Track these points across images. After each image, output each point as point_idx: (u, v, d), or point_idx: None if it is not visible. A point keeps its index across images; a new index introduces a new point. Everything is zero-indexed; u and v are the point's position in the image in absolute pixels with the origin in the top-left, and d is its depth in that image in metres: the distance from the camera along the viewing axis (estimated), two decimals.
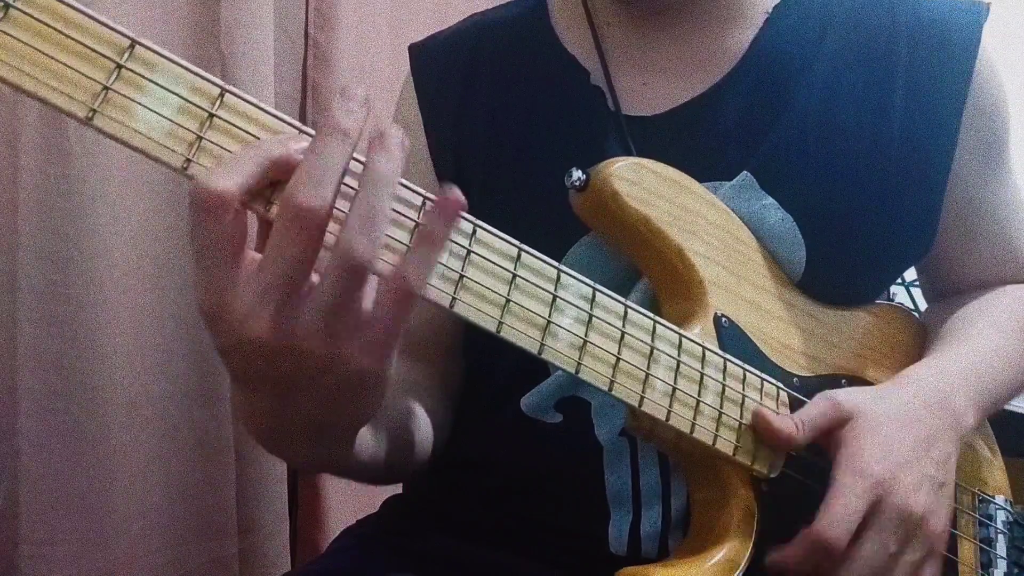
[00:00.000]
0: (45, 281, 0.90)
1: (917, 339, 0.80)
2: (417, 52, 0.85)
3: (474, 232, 0.51)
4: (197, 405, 1.04)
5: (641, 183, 0.64)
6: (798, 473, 0.65)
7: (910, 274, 1.00)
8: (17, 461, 0.88)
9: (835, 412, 0.63)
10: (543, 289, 0.54)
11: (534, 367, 0.71)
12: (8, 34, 0.41)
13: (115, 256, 0.95)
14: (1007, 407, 0.80)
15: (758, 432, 0.63)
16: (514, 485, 0.73)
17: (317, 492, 1.19)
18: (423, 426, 0.72)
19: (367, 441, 0.61)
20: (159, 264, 1.01)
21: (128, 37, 0.43)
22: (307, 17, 1.19)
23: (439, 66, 0.82)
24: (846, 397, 0.65)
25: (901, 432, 0.63)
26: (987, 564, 0.77)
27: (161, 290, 1.01)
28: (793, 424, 0.62)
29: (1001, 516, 0.79)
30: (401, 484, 0.85)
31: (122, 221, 0.96)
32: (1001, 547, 0.78)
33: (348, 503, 1.18)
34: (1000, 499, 0.81)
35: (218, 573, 1.06)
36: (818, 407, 0.64)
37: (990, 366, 0.73)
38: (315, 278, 0.44)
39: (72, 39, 0.42)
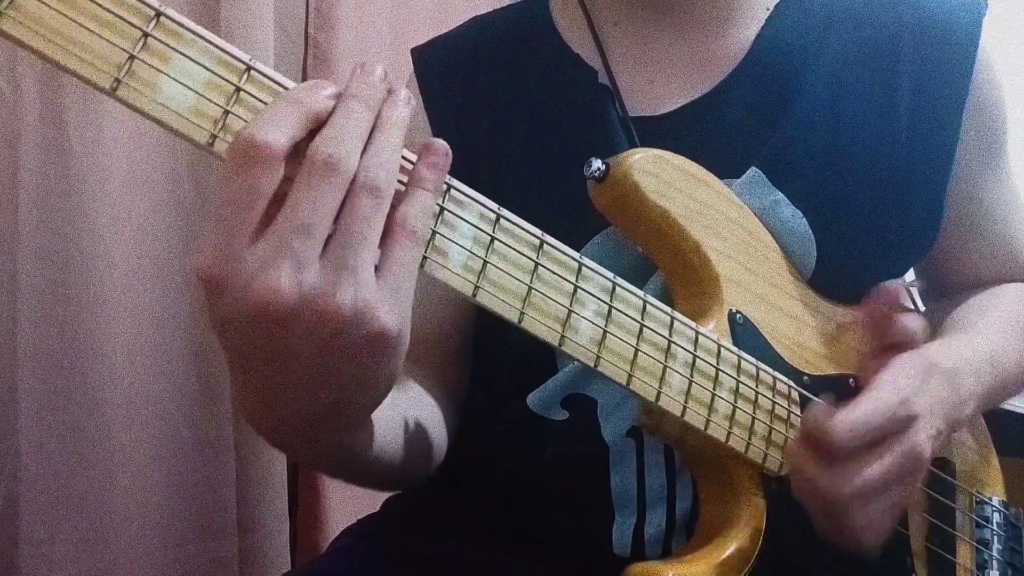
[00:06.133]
0: (45, 281, 0.90)
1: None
2: (420, 55, 0.85)
3: (497, 220, 0.51)
4: (197, 405, 1.04)
5: (661, 175, 0.64)
6: None
7: (910, 275, 1.00)
8: (17, 461, 0.88)
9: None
10: (565, 280, 0.54)
11: (541, 363, 0.71)
12: None
13: (115, 256, 0.95)
14: (1007, 407, 0.80)
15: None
16: (517, 485, 0.73)
17: (317, 492, 1.19)
18: (438, 432, 0.72)
19: (378, 442, 0.60)
20: (159, 264, 1.01)
21: (153, 7, 0.42)
22: (307, 17, 1.19)
23: (443, 68, 0.83)
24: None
25: (931, 384, 0.63)
26: (983, 565, 0.78)
27: (161, 290, 1.01)
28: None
29: (996, 517, 0.80)
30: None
31: (122, 221, 0.96)
32: (996, 548, 0.79)
33: (348, 503, 1.18)
34: (996, 500, 0.81)
35: (218, 573, 1.06)
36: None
37: (994, 359, 0.73)
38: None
39: (97, 4, 0.41)
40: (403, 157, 0.47)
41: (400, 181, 0.47)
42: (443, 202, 0.49)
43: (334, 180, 0.42)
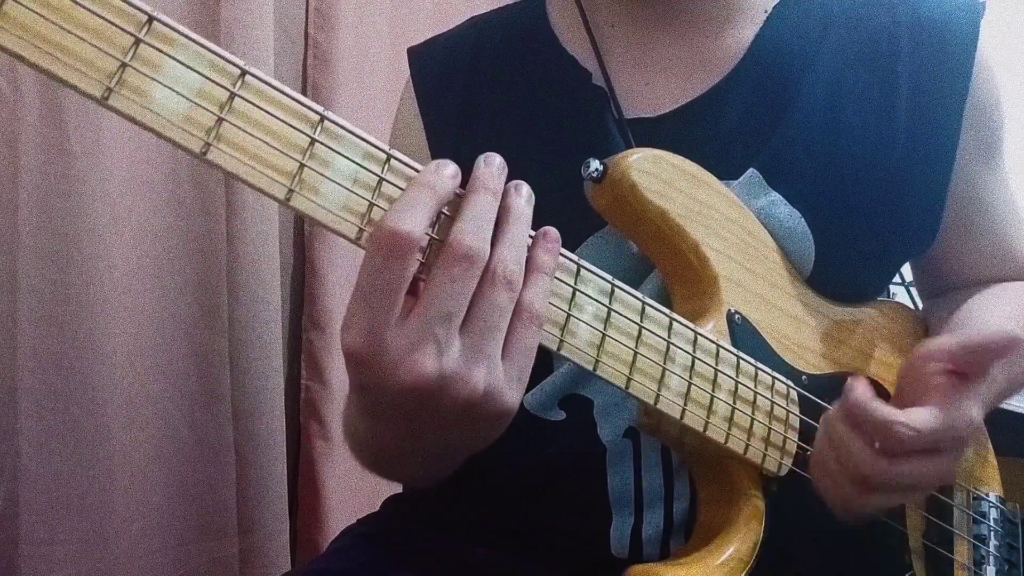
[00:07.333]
0: (45, 281, 0.89)
1: (919, 336, 0.81)
2: (416, 56, 0.85)
3: None
4: (197, 405, 1.04)
5: (659, 175, 0.64)
6: (806, 472, 0.65)
7: (909, 274, 1.00)
8: (17, 461, 0.88)
9: None
10: (564, 284, 0.54)
11: (538, 364, 0.71)
12: (21, 4, 0.38)
13: (115, 256, 0.95)
14: (1006, 407, 0.80)
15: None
16: (516, 485, 0.73)
17: (317, 492, 1.19)
18: None
19: None
20: (159, 264, 1.01)
21: (145, 12, 0.41)
22: (307, 17, 1.19)
23: (438, 69, 0.82)
24: None
25: (975, 415, 0.63)
26: (979, 561, 0.78)
27: (161, 290, 1.01)
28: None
29: (993, 513, 0.80)
30: (401, 484, 0.85)
31: (122, 221, 0.96)
32: (993, 544, 0.79)
33: (348, 503, 1.18)
34: (993, 496, 0.81)
35: (218, 573, 1.06)
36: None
37: (1006, 378, 0.74)
38: None
39: (87, 10, 0.40)
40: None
41: None
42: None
43: (473, 271, 0.47)
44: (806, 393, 0.67)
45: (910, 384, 0.63)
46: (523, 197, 0.52)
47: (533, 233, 0.52)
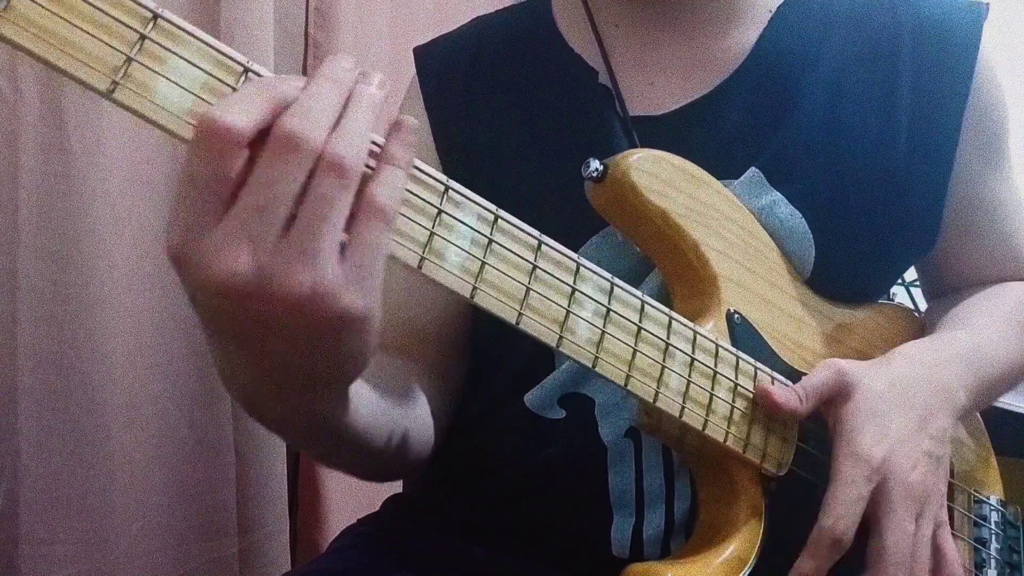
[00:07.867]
0: (45, 281, 0.90)
1: (918, 338, 0.81)
2: (422, 54, 0.85)
3: (495, 221, 0.51)
4: (197, 405, 1.04)
5: (659, 175, 0.64)
6: (806, 471, 0.65)
7: (910, 274, 1.00)
8: (17, 461, 0.88)
9: (838, 380, 0.63)
10: (563, 281, 0.54)
11: (540, 362, 0.71)
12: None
13: (115, 256, 0.95)
14: (1007, 407, 0.80)
15: (763, 407, 0.63)
16: (516, 484, 0.73)
17: (317, 492, 1.19)
18: (423, 422, 0.72)
19: (361, 425, 0.58)
20: (159, 264, 1.01)
21: (150, 9, 0.42)
22: (307, 17, 1.19)
23: (444, 68, 0.83)
24: (850, 367, 0.64)
25: (898, 409, 0.63)
26: (980, 564, 0.78)
27: (161, 290, 1.01)
28: (796, 397, 0.63)
29: (995, 517, 0.80)
30: (401, 483, 0.85)
31: (122, 221, 0.96)
32: (994, 547, 0.79)
33: (348, 503, 1.18)
34: (994, 499, 0.81)
35: (218, 573, 1.06)
36: (821, 375, 0.64)
37: (984, 350, 0.74)
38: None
39: (93, 6, 0.40)
40: (374, 142, 0.46)
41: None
42: (441, 204, 0.49)
43: (295, 158, 0.41)
44: None
45: None
46: (373, 84, 0.46)
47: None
